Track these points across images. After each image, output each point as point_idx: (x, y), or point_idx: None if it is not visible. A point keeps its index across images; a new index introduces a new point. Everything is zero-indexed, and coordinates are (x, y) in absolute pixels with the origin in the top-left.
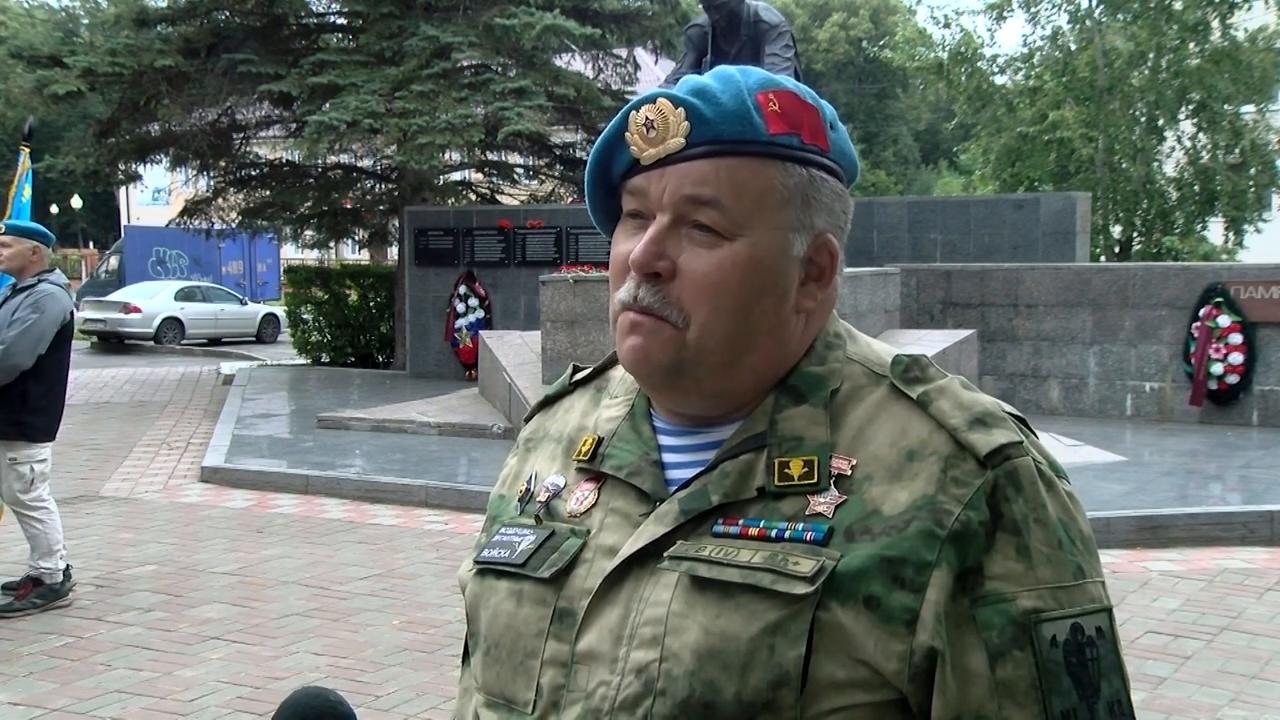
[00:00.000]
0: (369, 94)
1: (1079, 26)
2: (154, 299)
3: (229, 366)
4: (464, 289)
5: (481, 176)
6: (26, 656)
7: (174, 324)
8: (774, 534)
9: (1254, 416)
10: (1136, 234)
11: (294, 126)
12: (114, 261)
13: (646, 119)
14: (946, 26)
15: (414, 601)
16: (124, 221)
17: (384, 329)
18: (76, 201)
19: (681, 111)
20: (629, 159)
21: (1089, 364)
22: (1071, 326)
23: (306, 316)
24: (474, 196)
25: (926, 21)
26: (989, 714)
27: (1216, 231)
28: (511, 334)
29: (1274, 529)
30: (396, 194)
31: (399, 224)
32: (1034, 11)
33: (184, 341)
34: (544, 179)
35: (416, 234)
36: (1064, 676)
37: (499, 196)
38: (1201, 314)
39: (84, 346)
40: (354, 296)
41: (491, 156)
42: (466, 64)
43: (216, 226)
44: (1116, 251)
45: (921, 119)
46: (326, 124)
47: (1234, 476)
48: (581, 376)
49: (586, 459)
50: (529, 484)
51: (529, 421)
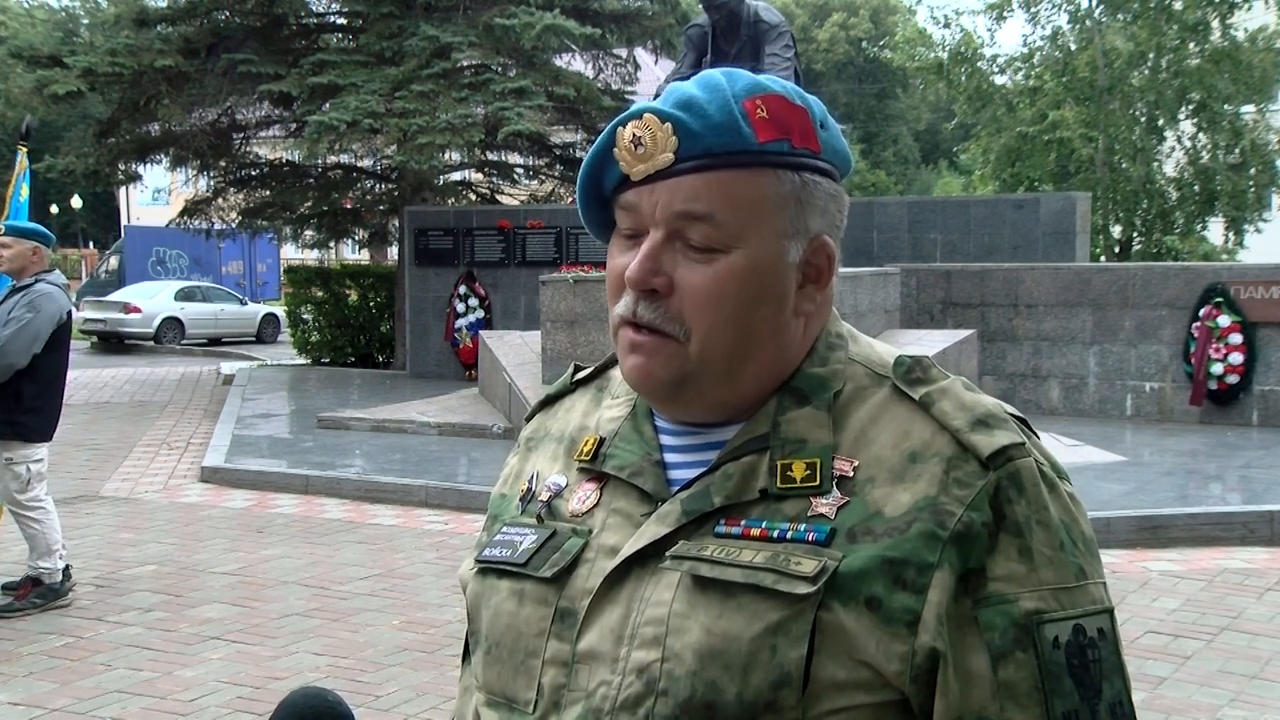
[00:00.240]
0: (369, 94)
1: (1079, 26)
2: (154, 299)
3: (229, 366)
4: (464, 289)
5: (481, 176)
6: (26, 656)
7: (174, 324)
8: (776, 535)
9: (1254, 416)
10: (1136, 234)
11: (294, 126)
12: (114, 261)
13: (634, 135)
14: (946, 26)
15: (414, 601)
16: (124, 221)
17: (384, 329)
18: (76, 201)
19: (669, 127)
20: (620, 173)
21: (1089, 364)
22: (1071, 326)
23: (306, 316)
24: (474, 196)
25: (926, 21)
26: (991, 715)
27: (1216, 231)
28: (511, 334)
29: (1274, 529)
30: (396, 194)
31: (399, 224)
32: (1034, 11)
33: (184, 341)
34: (544, 179)
35: (416, 234)
36: (1066, 678)
37: (499, 196)
38: (1201, 314)
39: (84, 346)
40: (354, 296)
41: (491, 156)
42: (466, 64)
43: (216, 226)
44: (1116, 251)
45: (921, 119)
46: (326, 124)
47: (1234, 476)
48: (583, 376)
49: (588, 459)
50: (530, 483)
51: (530, 421)
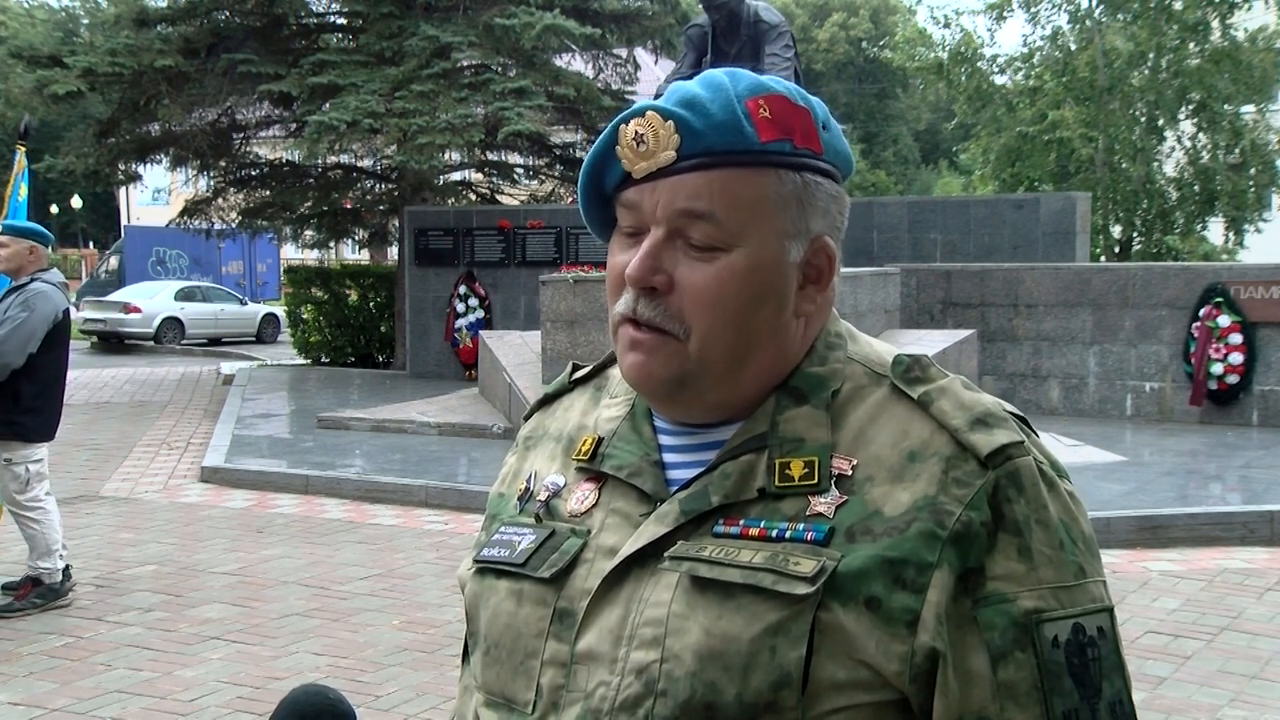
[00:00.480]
0: (369, 94)
1: (1079, 26)
2: (154, 299)
3: (229, 366)
4: (464, 289)
5: (481, 176)
6: (26, 656)
7: (174, 324)
8: (775, 534)
9: (1254, 416)
10: (1136, 234)
11: (294, 126)
12: (114, 261)
13: (636, 133)
14: (946, 26)
15: (414, 601)
16: (124, 221)
17: (384, 329)
18: (76, 201)
19: (671, 124)
20: (621, 171)
21: (1089, 364)
22: (1071, 326)
23: (306, 317)
24: (474, 196)
25: (926, 21)
26: (991, 715)
27: (1216, 231)
28: (511, 334)
29: (1274, 529)
30: (396, 194)
31: (399, 224)
32: (1034, 11)
33: (184, 341)
34: (544, 179)
35: (416, 234)
36: (1066, 677)
37: (499, 196)
38: (1201, 314)
39: (84, 346)
40: (354, 296)
41: (491, 156)
42: (466, 64)
43: (216, 226)
44: (1116, 251)
45: (921, 119)
46: (326, 124)
47: (1234, 476)
48: (581, 375)
49: (586, 459)
50: (529, 483)
51: (528, 420)
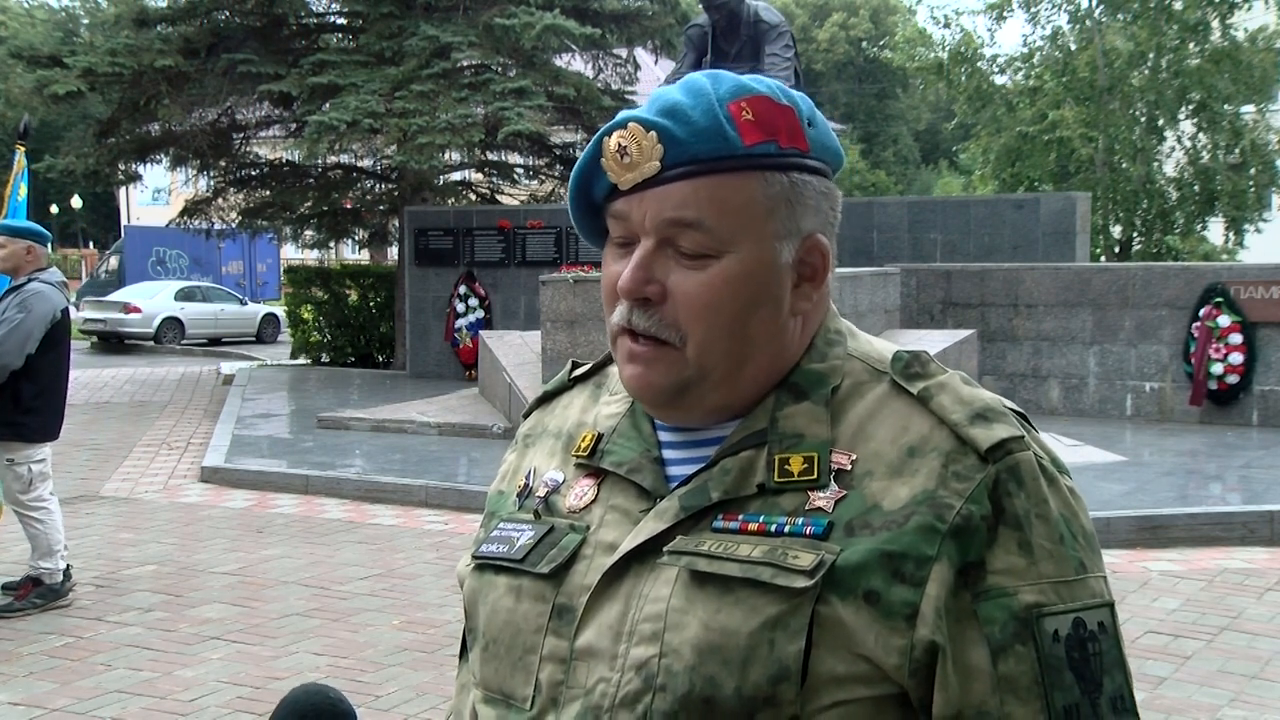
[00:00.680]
0: (369, 94)
1: (1079, 26)
2: (154, 299)
3: (229, 366)
4: (464, 289)
5: (481, 176)
6: (26, 656)
7: (174, 324)
8: (774, 529)
9: (1254, 416)
10: (1136, 234)
11: (294, 126)
12: (114, 261)
13: (620, 145)
14: (946, 26)
15: (414, 601)
16: (124, 221)
17: (384, 329)
18: (76, 201)
19: (654, 135)
20: (609, 183)
21: (1089, 364)
22: (1071, 326)
23: (306, 317)
24: (474, 196)
25: (926, 21)
26: (991, 709)
27: (1216, 231)
28: (511, 334)
29: (1274, 529)
30: (396, 194)
31: (399, 224)
32: (1034, 11)
33: (184, 341)
34: (544, 179)
35: (416, 234)
36: (1066, 671)
37: (499, 196)
38: (1201, 314)
39: (84, 346)
40: (354, 296)
41: (491, 156)
42: (466, 64)
43: (216, 226)
44: (1116, 251)
45: (921, 119)
46: (326, 124)
47: (1234, 476)
48: (581, 373)
49: (586, 455)
50: (528, 479)
51: (527, 417)
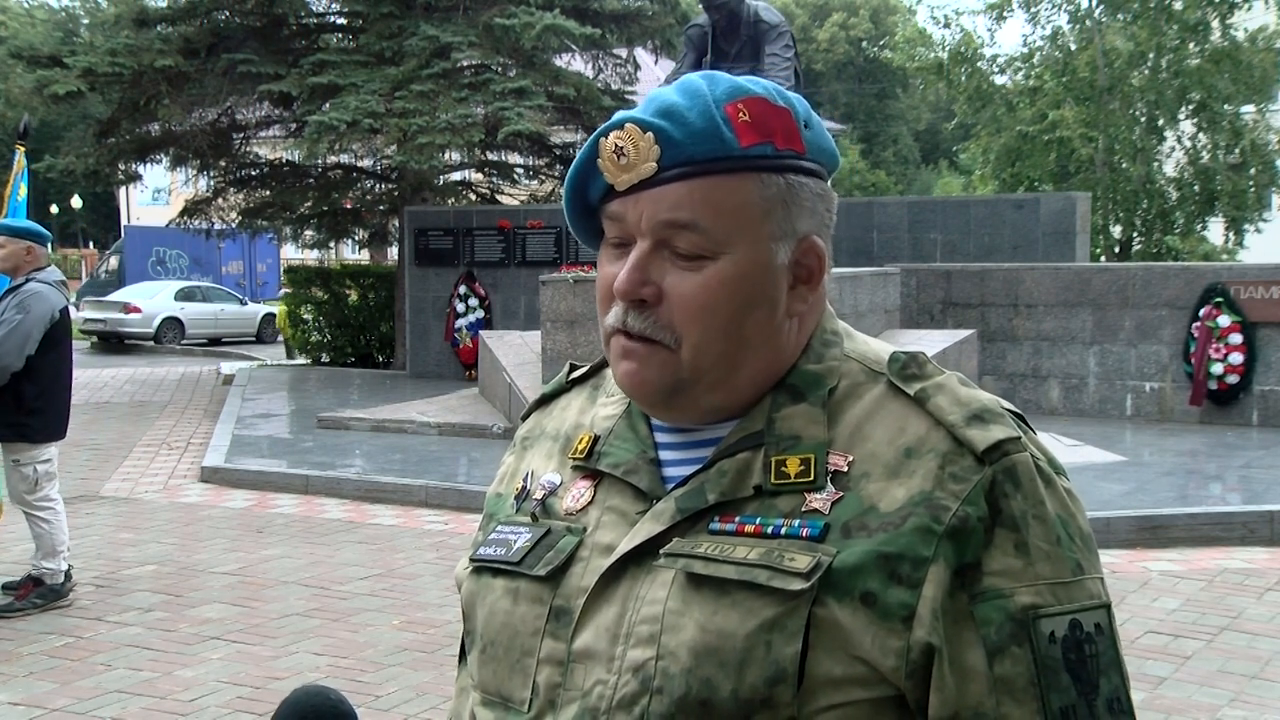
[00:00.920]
0: (369, 94)
1: (1079, 26)
2: (154, 299)
3: (229, 366)
4: (464, 289)
5: (481, 176)
6: (26, 656)
7: (174, 324)
8: (770, 531)
9: (1254, 416)
10: (1136, 234)
11: (294, 126)
12: (114, 261)
13: (616, 146)
14: (946, 26)
15: (414, 601)
16: (124, 221)
17: (384, 329)
18: (76, 201)
19: (650, 136)
20: (605, 183)
21: (1089, 364)
22: (1071, 326)
23: (307, 317)
24: (474, 196)
25: (926, 21)
26: (987, 711)
27: (1216, 231)
28: (511, 334)
29: (1274, 529)
30: (396, 194)
31: (399, 224)
32: (1034, 11)
33: (184, 341)
34: (544, 179)
35: (416, 234)
36: (1063, 673)
37: (499, 196)
38: (1201, 314)
39: (84, 346)
40: (354, 296)
41: (491, 156)
42: (466, 64)
43: (216, 226)
44: (1116, 251)
45: (921, 119)
46: (326, 124)
47: (1234, 476)
48: (578, 375)
49: (583, 457)
50: (525, 482)
51: (525, 420)
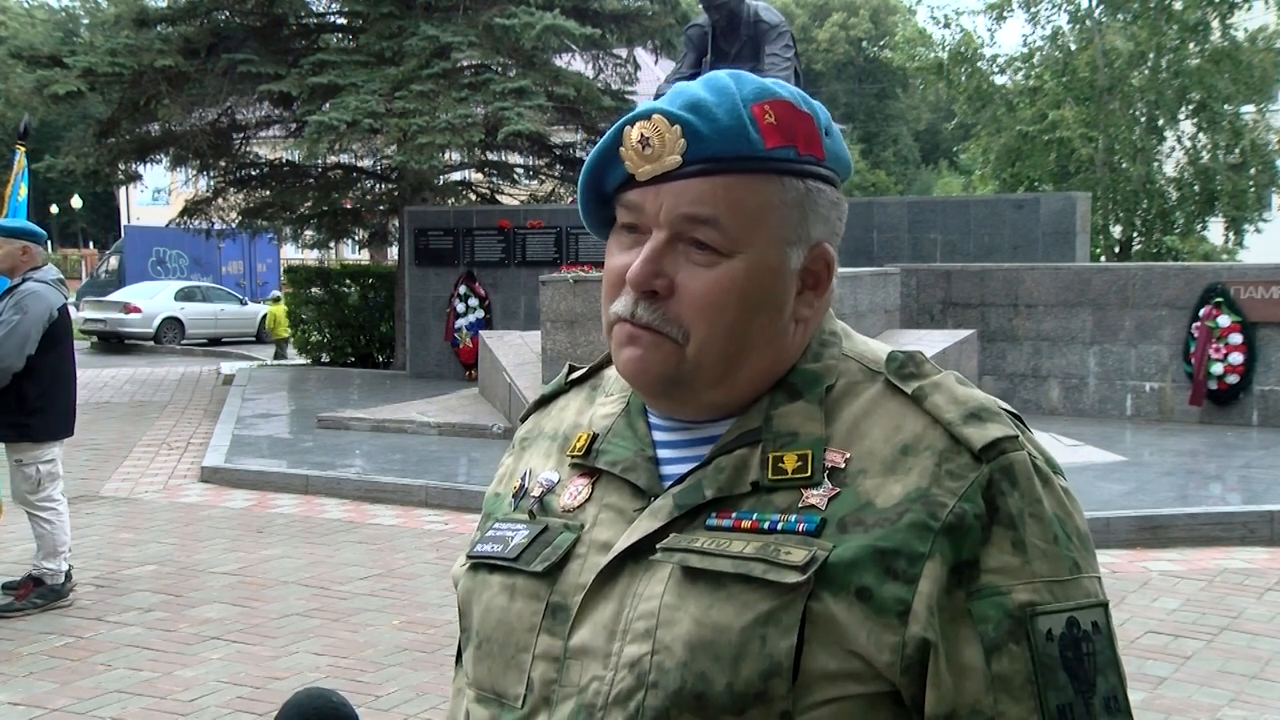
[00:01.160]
0: (369, 94)
1: (1079, 26)
2: (154, 299)
3: (229, 366)
4: (464, 289)
5: (481, 176)
6: (26, 656)
7: (174, 324)
8: (766, 526)
9: (1254, 416)
10: (1136, 234)
11: (294, 126)
12: (114, 261)
13: (642, 136)
14: (946, 26)
15: (414, 601)
16: (124, 221)
17: (384, 329)
18: (76, 201)
19: (677, 129)
20: (624, 173)
21: (1089, 364)
22: (1071, 326)
23: (306, 317)
24: (474, 196)
25: (926, 21)
26: (984, 708)
27: (1216, 231)
28: (511, 334)
29: (1274, 529)
30: (396, 194)
31: (399, 224)
32: (1034, 11)
33: (184, 341)
34: (544, 179)
35: (416, 234)
36: (1060, 671)
37: (499, 196)
38: (1201, 314)
39: (84, 346)
40: (354, 296)
41: (491, 156)
42: (466, 64)
43: (216, 226)
44: (1116, 251)
45: (921, 119)
46: (326, 124)
47: (1234, 476)
48: (577, 376)
49: (581, 454)
50: (523, 480)
51: (524, 421)
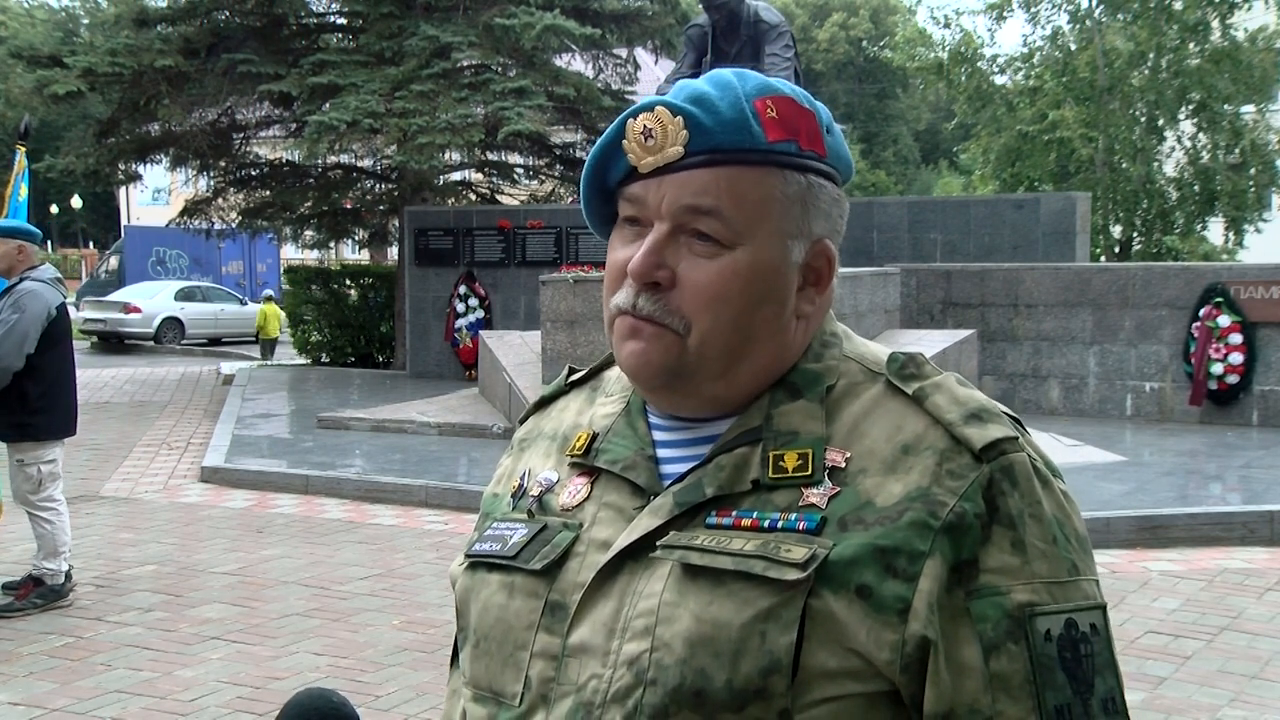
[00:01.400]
0: (369, 94)
1: (1079, 26)
2: (154, 299)
3: (229, 366)
4: (464, 289)
5: (481, 176)
6: (26, 656)
7: (174, 324)
8: (767, 524)
9: (1254, 416)
10: (1136, 234)
11: (294, 126)
12: (114, 261)
13: (645, 127)
14: (946, 26)
15: (414, 601)
16: (124, 221)
17: (384, 329)
18: (76, 201)
19: (680, 120)
20: (626, 166)
21: (1089, 364)
22: (1071, 326)
23: (308, 317)
24: (474, 196)
25: (926, 21)
26: (983, 707)
27: (1216, 231)
28: (511, 334)
29: (1274, 529)
30: (396, 194)
31: (399, 224)
32: (1034, 11)
33: (184, 341)
34: (544, 179)
35: (416, 234)
36: (1058, 671)
37: (499, 196)
38: (1201, 314)
39: (84, 346)
40: (354, 296)
41: (491, 156)
42: (466, 64)
43: (216, 226)
44: (1116, 251)
45: (921, 119)
46: (326, 124)
47: (1234, 476)
48: (577, 378)
49: (580, 454)
50: (522, 480)
51: (523, 422)
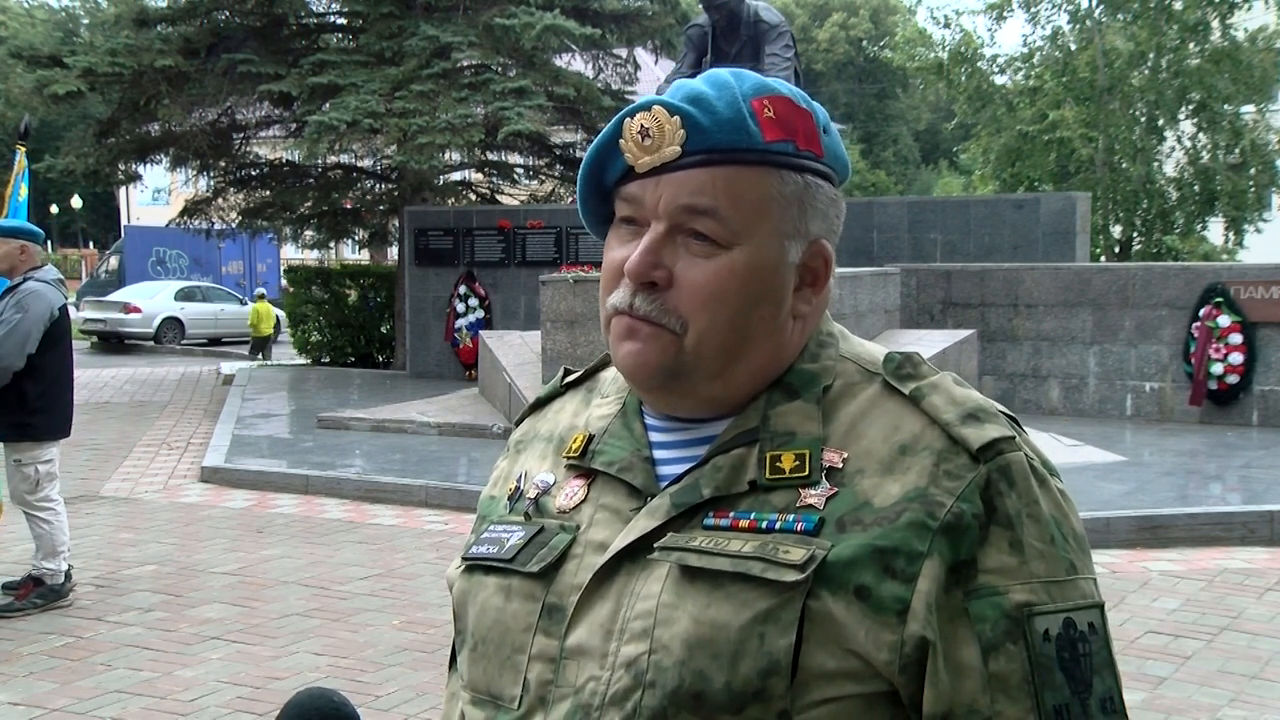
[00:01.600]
0: (369, 94)
1: (1079, 26)
2: (154, 299)
3: (229, 366)
4: (464, 289)
5: (481, 176)
6: (26, 656)
7: (174, 324)
8: (764, 525)
9: (1254, 416)
10: (1136, 234)
11: (294, 126)
12: (114, 261)
13: (642, 127)
14: (946, 26)
15: (414, 601)
16: (124, 221)
17: (384, 329)
18: (76, 201)
19: (677, 119)
20: (623, 165)
21: (1089, 364)
22: (1071, 326)
23: (306, 317)
24: (474, 196)
25: (926, 21)
26: (981, 708)
27: (1216, 231)
28: (511, 334)
29: (1274, 529)
30: (396, 194)
31: (399, 224)
32: (1034, 11)
33: (184, 341)
34: (544, 179)
35: (416, 234)
36: (1057, 671)
37: (499, 196)
38: (1201, 314)
39: (84, 346)
40: (354, 296)
41: (491, 156)
42: (466, 64)
43: (216, 226)
44: (1116, 251)
45: (921, 119)
46: (326, 124)
47: (1234, 476)
48: (573, 379)
49: (577, 455)
50: (519, 482)
51: (520, 425)
